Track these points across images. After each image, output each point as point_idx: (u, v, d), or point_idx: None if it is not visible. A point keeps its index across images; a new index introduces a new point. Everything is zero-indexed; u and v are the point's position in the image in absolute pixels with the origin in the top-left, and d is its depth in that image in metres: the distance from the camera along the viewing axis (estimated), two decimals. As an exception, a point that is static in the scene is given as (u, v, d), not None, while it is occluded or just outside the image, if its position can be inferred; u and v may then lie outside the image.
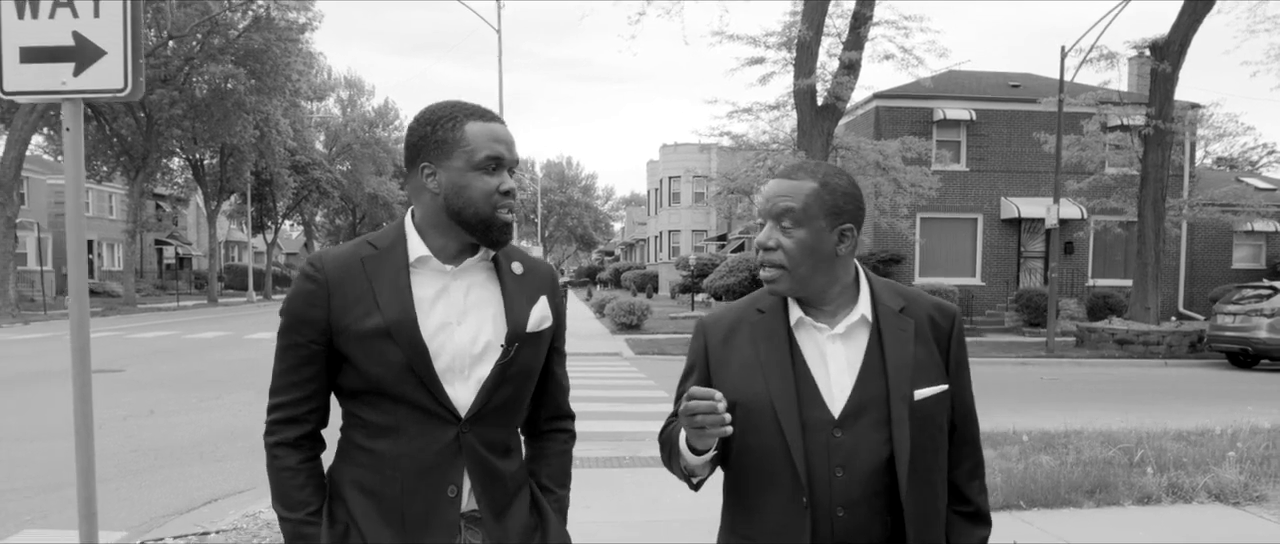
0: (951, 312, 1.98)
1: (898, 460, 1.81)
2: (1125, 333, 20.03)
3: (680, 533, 5.62)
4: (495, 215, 1.90)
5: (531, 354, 2.00)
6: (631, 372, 15.73)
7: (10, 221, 28.65)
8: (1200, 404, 11.19)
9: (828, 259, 1.86)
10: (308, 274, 1.92)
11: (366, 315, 1.87)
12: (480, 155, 1.88)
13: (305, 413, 1.95)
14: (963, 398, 1.97)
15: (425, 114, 1.95)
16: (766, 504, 1.88)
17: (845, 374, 1.87)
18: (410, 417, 1.88)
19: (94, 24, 3.18)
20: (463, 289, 1.95)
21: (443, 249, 1.94)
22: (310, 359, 1.92)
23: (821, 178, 1.87)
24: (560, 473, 2.17)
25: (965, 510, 1.97)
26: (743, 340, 1.95)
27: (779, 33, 19.41)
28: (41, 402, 11.37)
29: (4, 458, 7.97)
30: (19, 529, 5.84)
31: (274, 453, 1.95)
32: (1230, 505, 6.23)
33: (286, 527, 1.94)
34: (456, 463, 1.90)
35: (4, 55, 3.18)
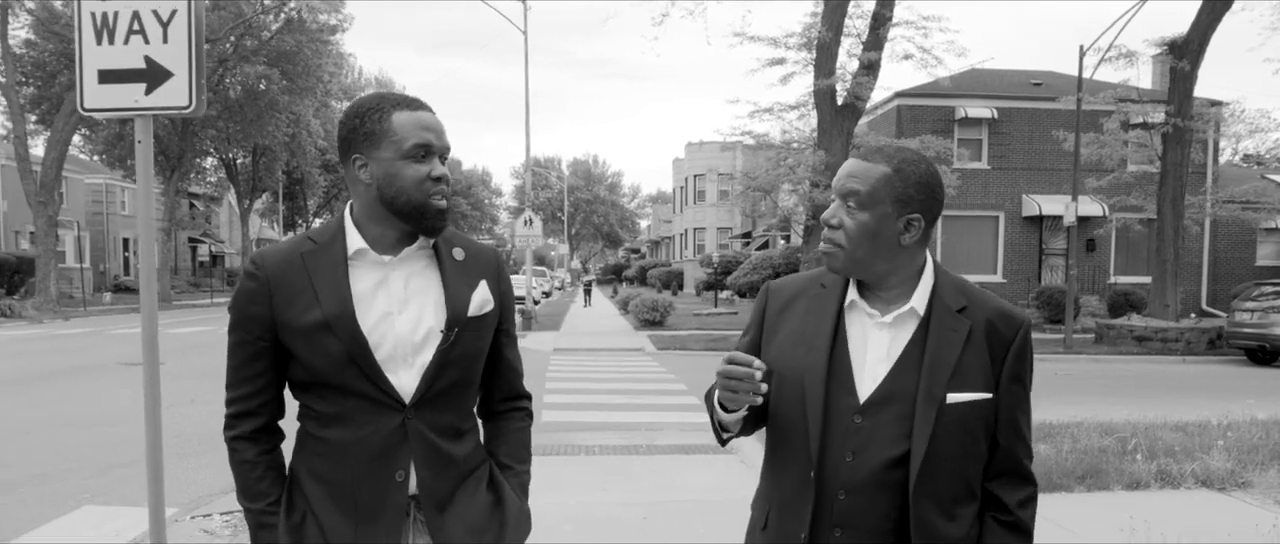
0: (1018, 321, 1.90)
1: (913, 457, 1.79)
2: (1144, 330, 20.17)
3: (691, 511, 6.01)
4: (428, 202, 1.95)
5: (474, 338, 2.05)
6: (653, 366, 16.12)
7: (52, 220, 29.47)
8: (1210, 399, 11.39)
9: (889, 245, 1.85)
10: (249, 272, 1.99)
11: (307, 310, 1.93)
12: (409, 143, 1.92)
13: (258, 406, 2.02)
14: (1012, 414, 1.88)
15: (353, 107, 2.00)
16: (785, 472, 1.92)
17: (881, 363, 1.86)
18: (356, 405, 1.95)
19: (163, 49, 3.61)
20: (402, 278, 2.00)
21: (380, 239, 1.99)
22: (258, 355, 1.98)
23: (896, 164, 1.85)
24: (518, 448, 2.23)
25: (1004, 518, 1.88)
26: (798, 311, 1.97)
27: (799, 34, 19.71)
28: (87, 392, 11.94)
29: (58, 443, 8.49)
30: (79, 506, 6.32)
31: (233, 446, 2.03)
32: (1216, 491, 6.53)
33: (249, 517, 2.02)
34: (403, 448, 1.96)
35: (84, 77, 3.62)
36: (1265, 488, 6.58)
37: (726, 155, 47.38)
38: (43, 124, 34.83)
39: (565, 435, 8.68)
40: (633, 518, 5.83)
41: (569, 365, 16.16)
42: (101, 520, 5.97)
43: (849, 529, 1.83)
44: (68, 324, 26.30)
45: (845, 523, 1.83)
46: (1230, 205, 24.23)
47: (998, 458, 1.88)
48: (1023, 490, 1.90)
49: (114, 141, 38.92)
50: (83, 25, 3.59)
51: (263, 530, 2.01)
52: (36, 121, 34.20)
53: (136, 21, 3.59)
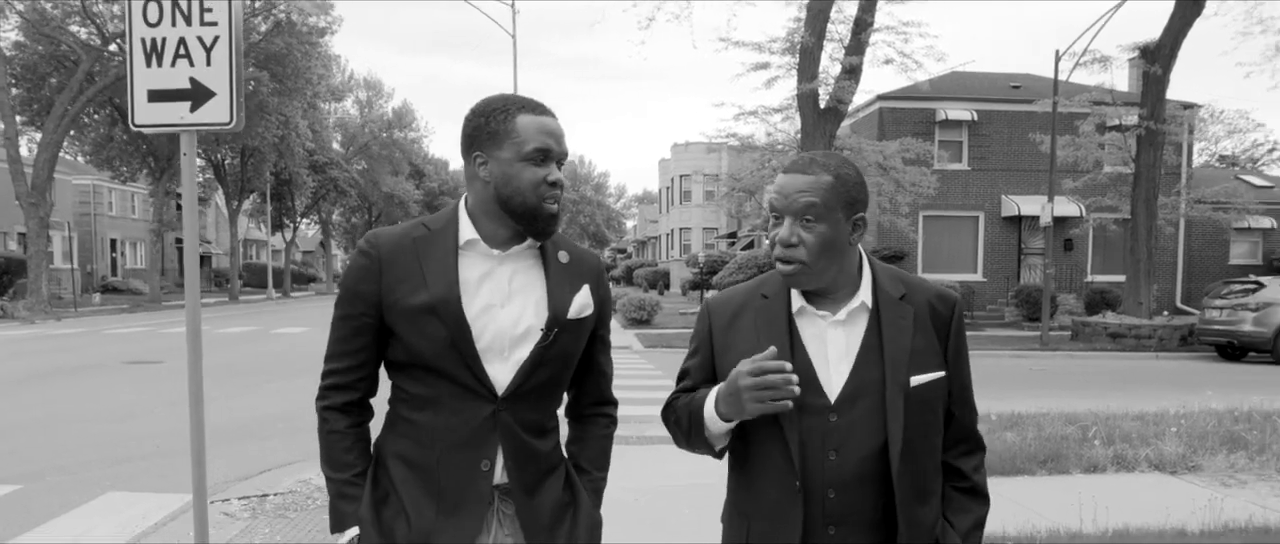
0: (952, 300, 2.01)
1: (891, 445, 1.85)
2: (1118, 326, 20.75)
3: (678, 494, 6.47)
4: (541, 206, 1.98)
5: (571, 340, 2.08)
6: (640, 363, 16.56)
7: (43, 221, 29.68)
8: (1178, 393, 11.84)
9: (842, 250, 1.91)
10: (363, 250, 2.04)
11: (414, 292, 1.97)
12: (529, 147, 1.96)
13: (355, 381, 2.07)
14: (961, 386, 2.00)
15: (480, 106, 2.03)
16: (763, 483, 1.95)
17: (843, 360, 1.92)
18: (450, 391, 1.99)
19: (206, 71, 4.02)
20: (508, 274, 2.04)
21: (492, 235, 2.03)
22: (361, 330, 2.03)
23: (835, 170, 1.90)
24: (598, 456, 2.26)
25: (963, 486, 2.00)
26: (746, 325, 2.01)
27: (783, 39, 20.21)
28: (93, 389, 12.29)
29: (74, 437, 8.86)
30: (103, 493, 6.70)
31: (324, 416, 2.08)
32: (1167, 474, 7.01)
33: (332, 486, 2.06)
34: (491, 438, 2.00)
35: (135, 95, 4.03)
36: (1213, 471, 7.08)
37: (712, 157, 47.92)
38: (32, 125, 35.00)
39: (559, 427, 9.12)
40: (626, 500, 6.26)
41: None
42: (126, 505, 6.36)
43: (842, 525, 1.88)
44: (60, 325, 26.54)
45: (839, 520, 1.88)
46: (1201, 206, 24.87)
47: (954, 428, 2.00)
48: (975, 456, 2.03)
49: (102, 143, 39.10)
50: (134, 49, 4.00)
51: (343, 501, 2.04)
52: (25, 123, 34.35)
53: (182, 46, 4.00)
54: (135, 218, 55.27)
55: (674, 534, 5.50)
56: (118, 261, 53.74)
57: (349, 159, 60.39)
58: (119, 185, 49.95)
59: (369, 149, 60.98)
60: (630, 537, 5.44)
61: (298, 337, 21.49)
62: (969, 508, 1.98)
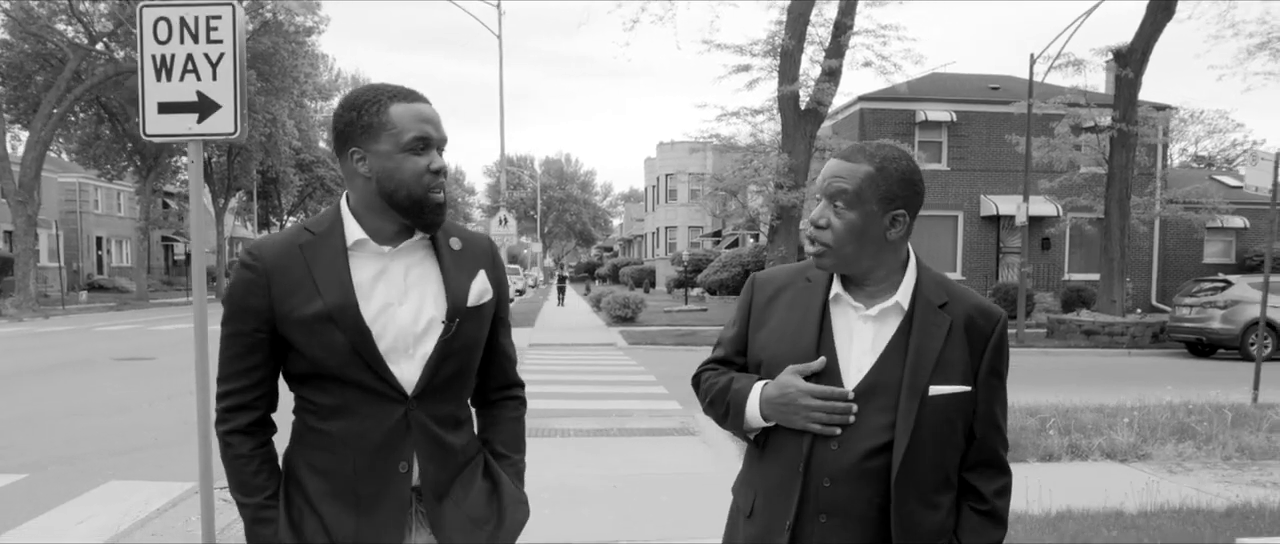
0: (996, 316, 1.97)
1: (895, 447, 1.85)
2: (1091, 324, 21.22)
3: (655, 483, 6.82)
4: (428, 196, 1.94)
5: (474, 327, 2.05)
6: (624, 360, 16.92)
7: (31, 219, 29.84)
8: (1145, 388, 12.15)
9: (876, 242, 1.90)
10: (247, 263, 1.95)
11: (308, 301, 1.91)
12: (407, 136, 1.91)
13: (254, 399, 2.00)
14: (989, 406, 1.95)
15: (349, 99, 1.98)
16: (773, 461, 1.98)
17: (867, 355, 1.91)
18: (358, 397, 1.93)
19: (212, 85, 4.35)
20: (402, 269, 1.99)
21: (379, 231, 1.98)
22: (255, 347, 1.96)
23: (879, 162, 1.89)
24: (513, 438, 2.24)
25: (980, 507, 1.96)
26: (784, 304, 2.02)
27: (764, 41, 20.59)
28: (88, 385, 12.55)
29: (72, 430, 9.15)
30: (106, 481, 7.01)
31: (227, 441, 2.00)
32: (1118, 462, 7.41)
33: (245, 512, 1.99)
34: (407, 440, 1.96)
35: (146, 107, 4.35)
36: (1162, 459, 7.48)
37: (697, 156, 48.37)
38: (17, 123, 35.09)
39: (542, 421, 9.41)
40: (603, 488, 6.61)
41: (544, 359, 16.91)
42: (128, 492, 6.66)
43: (834, 516, 1.89)
44: (49, 322, 26.70)
45: (830, 510, 1.89)
46: (1173, 205, 25.40)
47: (975, 449, 1.95)
48: (999, 480, 1.97)
49: (89, 142, 39.22)
50: (145, 65, 4.32)
51: (259, 525, 1.99)
52: (10, 121, 34.44)
53: (190, 62, 4.33)
54: (121, 216, 55.31)
55: (651, 518, 5.84)
56: (103, 260, 53.76)
57: (335, 157, 60.48)
58: (105, 183, 49.99)
59: (356, 148, 61.12)
60: (610, 521, 5.78)
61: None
62: (982, 531, 1.94)
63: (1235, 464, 7.42)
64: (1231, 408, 9.04)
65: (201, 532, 4.64)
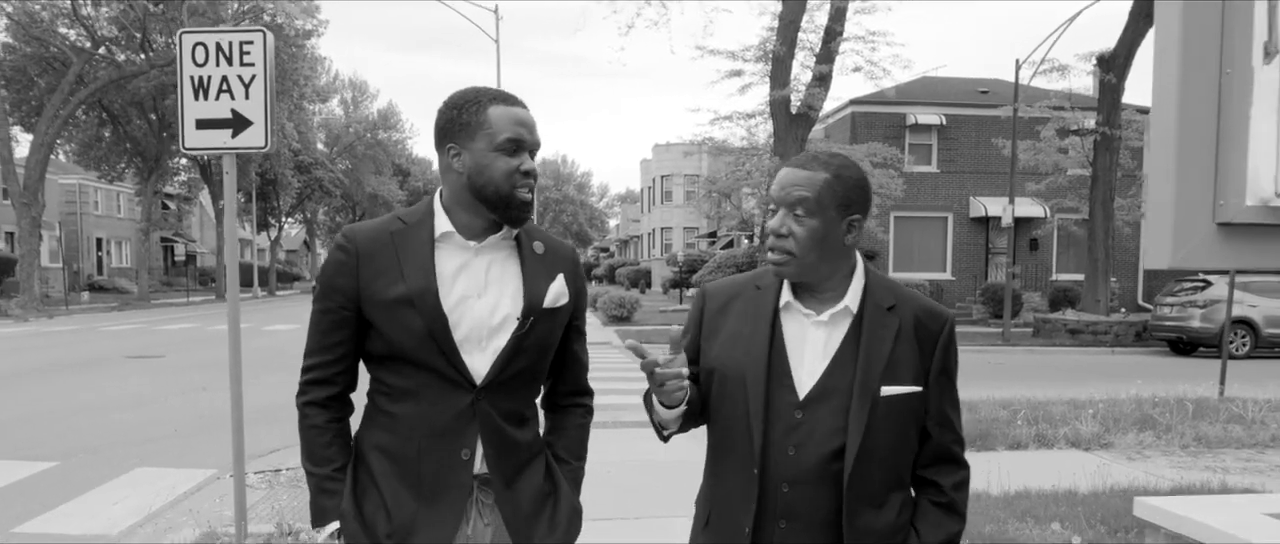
0: (943, 318, 2.00)
1: (847, 449, 1.87)
2: (1076, 323, 21.74)
3: (645, 467, 7.31)
4: (514, 194, 2.02)
5: (547, 329, 2.11)
6: (619, 357, 17.39)
7: (35, 221, 30.27)
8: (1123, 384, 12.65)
9: (835, 248, 1.93)
10: (340, 245, 2.07)
11: (392, 284, 2.00)
12: (501, 137, 1.99)
13: (334, 375, 2.09)
14: (940, 405, 1.99)
15: (453, 98, 2.06)
16: (728, 469, 2.00)
17: (818, 360, 1.94)
18: (429, 382, 2.01)
19: (245, 103, 4.82)
20: (484, 264, 2.07)
21: (467, 226, 2.06)
22: (340, 324, 2.05)
23: (835, 169, 1.92)
24: (576, 445, 2.29)
25: (939, 500, 1.99)
26: (735, 313, 2.05)
27: (756, 47, 21.08)
28: (103, 381, 13.02)
29: (94, 423, 9.62)
30: (132, 469, 7.47)
31: (304, 412, 2.10)
32: (1082, 450, 7.90)
33: (312, 480, 2.08)
34: (470, 428, 2.03)
35: (185, 123, 4.83)
36: (1123, 448, 7.97)
37: (692, 158, 48.85)
38: (21, 126, 35.51)
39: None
40: (597, 472, 7.07)
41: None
42: (155, 478, 7.14)
43: (794, 520, 1.91)
44: (53, 322, 27.12)
45: (790, 514, 1.91)
46: (1157, 207, 25.86)
47: (929, 448, 1.99)
48: (957, 474, 2.01)
49: (90, 144, 39.65)
50: (184, 85, 4.80)
51: (324, 495, 2.06)
52: (14, 124, 34.85)
53: (225, 83, 4.81)
54: (121, 217, 55.68)
55: (640, 499, 6.34)
56: (103, 261, 54.14)
57: (333, 159, 60.96)
58: (105, 185, 50.37)
59: (354, 149, 61.58)
60: (603, 499, 6.27)
61: (287, 333, 22.18)
62: (941, 523, 1.98)
63: (1191, 452, 7.92)
64: (1194, 401, 9.53)
65: (234, 509, 5.11)
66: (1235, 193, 2.14)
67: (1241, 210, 2.15)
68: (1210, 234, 2.18)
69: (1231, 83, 2.13)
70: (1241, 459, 7.64)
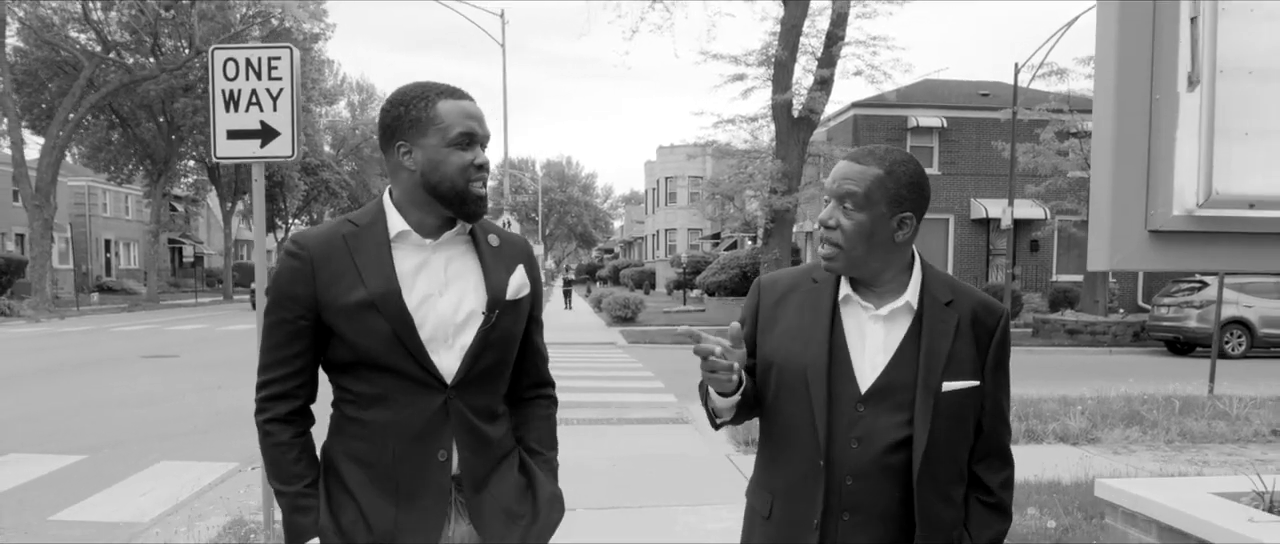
0: (999, 312, 2.03)
1: (915, 445, 1.89)
2: (1075, 323, 22.02)
3: (649, 462, 7.62)
4: (469, 189, 1.99)
5: (512, 320, 2.10)
6: (624, 357, 17.71)
7: (47, 223, 30.65)
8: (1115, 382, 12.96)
9: (884, 244, 1.92)
10: (292, 252, 2.00)
11: (351, 289, 1.95)
12: (454, 132, 1.96)
13: (295, 388, 2.02)
14: (995, 398, 2.01)
15: (398, 94, 2.02)
16: (789, 461, 2.00)
17: (879, 354, 1.95)
18: (398, 385, 1.97)
19: (273, 115, 5.14)
20: (442, 261, 2.05)
21: (421, 224, 2.03)
22: (297, 335, 1.99)
23: (888, 165, 1.92)
24: (547, 436, 2.27)
25: (988, 500, 2.01)
26: (792, 306, 2.04)
27: (758, 52, 21.39)
28: (120, 379, 13.37)
29: (115, 419, 9.96)
30: (156, 462, 7.80)
31: (266, 429, 2.02)
32: (1070, 445, 8.20)
33: (283, 500, 2.00)
34: (445, 428, 2.00)
35: (217, 134, 5.15)
36: (1110, 443, 8.27)
37: (694, 161, 49.20)
38: (32, 129, 35.94)
39: (548, 410, 10.25)
40: (602, 466, 7.41)
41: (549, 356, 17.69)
42: (179, 471, 7.45)
43: (857, 512, 1.93)
44: (65, 323, 27.49)
45: (853, 507, 1.92)
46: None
47: (983, 441, 2.00)
48: (1003, 471, 2.04)
49: (99, 146, 40.07)
50: (216, 98, 5.11)
51: (298, 513, 2.00)
52: (26, 127, 35.27)
53: (254, 96, 5.13)
54: (129, 219, 56.14)
55: (644, 489, 6.65)
56: (112, 262, 54.59)
57: (339, 161, 61.38)
58: (113, 187, 50.80)
59: (360, 151, 61.94)
60: (608, 491, 6.58)
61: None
62: (990, 523, 2.00)
63: (1176, 447, 8.21)
64: (1182, 398, 9.81)
65: (262, 499, 5.42)
66: (1164, 204, 2.45)
67: (1170, 219, 2.46)
68: (1143, 240, 2.49)
69: (1160, 107, 2.45)
70: (1224, 453, 7.92)
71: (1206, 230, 2.47)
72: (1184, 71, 2.43)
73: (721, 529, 5.55)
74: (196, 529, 5.66)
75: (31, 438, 8.75)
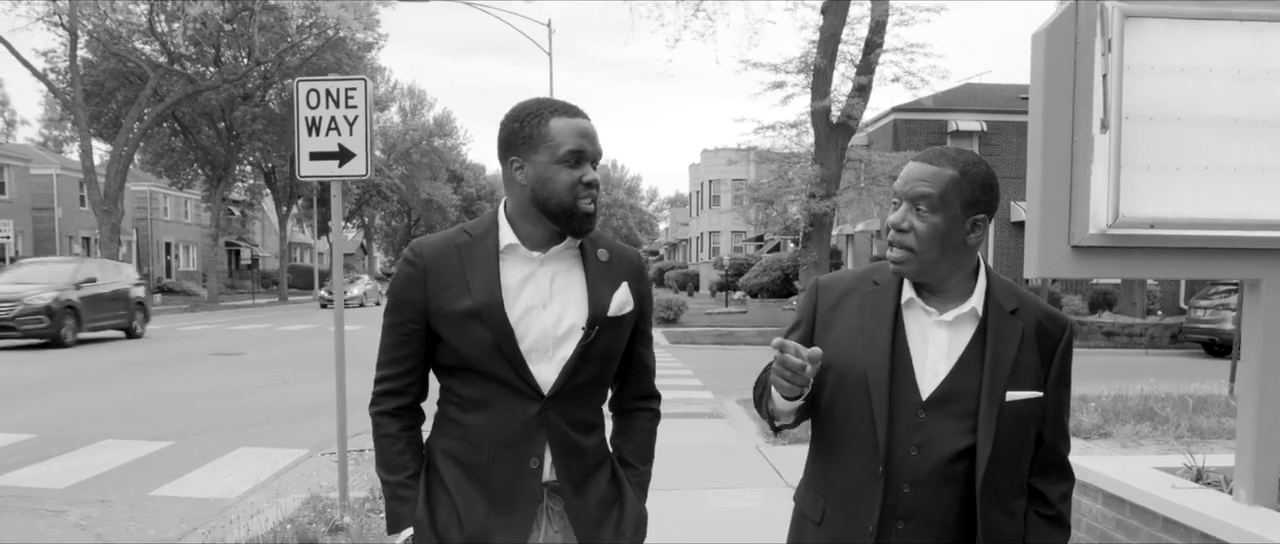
0: (1063, 323, 1.98)
1: (979, 455, 1.85)
2: (1112, 325, 22.26)
3: (684, 453, 8.25)
4: (577, 205, 2.02)
5: (613, 337, 2.12)
6: (665, 357, 18.31)
7: (115, 227, 32.06)
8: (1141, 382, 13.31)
9: (956, 247, 1.88)
10: (408, 260, 2.09)
11: (458, 298, 2.02)
12: (563, 149, 1.99)
13: (405, 386, 2.13)
14: (1057, 411, 1.98)
15: (514, 111, 2.07)
16: (845, 467, 1.96)
17: (942, 361, 1.91)
18: (498, 392, 2.04)
19: (350, 139, 5.86)
20: (548, 275, 2.08)
21: (530, 237, 2.07)
22: (410, 337, 2.09)
23: (962, 166, 1.88)
24: (642, 450, 2.29)
25: (1047, 513, 1.97)
26: (852, 308, 2.00)
27: (797, 59, 21.89)
28: (196, 375, 14.30)
29: (198, 410, 10.81)
30: (236, 448, 8.58)
31: (377, 422, 2.15)
32: (1082, 439, 8.68)
33: (387, 489, 2.11)
34: (538, 436, 2.05)
35: (301, 155, 5.89)
36: (1120, 438, 8.73)
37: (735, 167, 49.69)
38: (100, 137, 37.52)
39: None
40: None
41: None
42: (259, 456, 8.22)
43: (913, 521, 1.89)
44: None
45: (909, 515, 1.89)
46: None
47: (1043, 453, 1.96)
48: (1063, 484, 2.00)
49: (161, 153, 41.64)
50: (300, 124, 5.85)
51: (398, 502, 2.10)
52: (94, 135, 36.80)
53: (333, 122, 5.86)
54: (188, 222, 57.97)
55: (677, 474, 7.30)
56: (171, 264, 56.41)
57: (390, 165, 62.82)
58: (175, 192, 52.54)
59: (410, 156, 63.35)
60: (644, 474, 7.24)
61: (355, 333, 23.44)
62: (1049, 536, 1.97)
63: (1184, 442, 8.63)
64: (1198, 397, 10.22)
65: (336, 479, 6.15)
66: (1082, 224, 3.08)
67: (1087, 236, 3.08)
68: (1067, 253, 3.12)
69: (1079, 146, 3.08)
70: (1230, 448, 8.34)
71: (1117, 245, 3.09)
72: (1098, 117, 3.05)
73: (746, 509, 6.18)
74: (279, 504, 6.39)
75: (123, 426, 9.60)
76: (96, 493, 6.86)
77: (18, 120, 65.06)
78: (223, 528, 5.83)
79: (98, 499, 6.69)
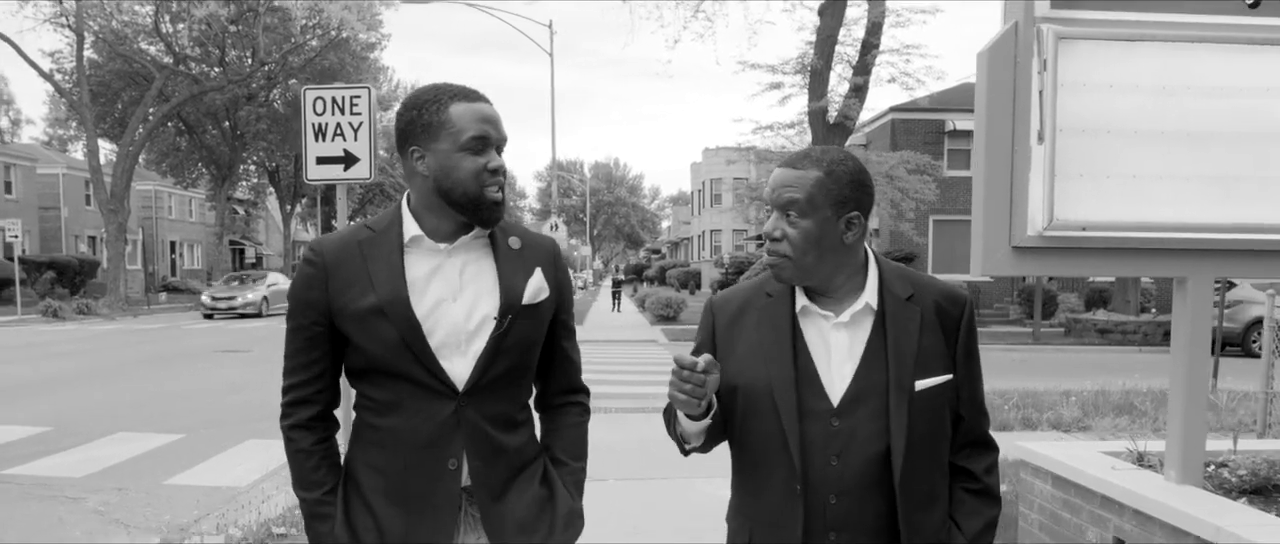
0: (962, 299, 1.95)
1: (893, 451, 1.81)
2: (1106, 323, 22.51)
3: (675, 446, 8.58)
4: (484, 194, 1.95)
5: (529, 326, 2.05)
6: (663, 354, 18.65)
7: (121, 226, 32.42)
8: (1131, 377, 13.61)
9: (834, 248, 1.85)
10: (308, 259, 2.00)
11: (362, 295, 1.94)
12: (466, 136, 1.92)
13: (314, 393, 2.03)
14: (970, 388, 1.94)
15: (411, 99, 2.00)
16: (765, 488, 1.92)
17: (846, 363, 1.87)
18: (410, 392, 1.96)
19: (355, 144, 6.17)
20: (457, 266, 2.01)
21: (436, 229, 2.00)
22: (315, 341, 2.00)
23: (827, 166, 1.85)
24: (573, 445, 2.21)
25: (974, 487, 1.94)
26: (749, 324, 1.96)
27: (794, 60, 22.19)
28: (203, 371, 14.68)
29: (206, 404, 11.15)
30: (244, 440, 8.89)
31: (289, 436, 2.04)
32: (1062, 431, 8.99)
33: (305, 507, 2.02)
34: (456, 436, 1.97)
35: (308, 160, 6.19)
36: (1100, 430, 9.02)
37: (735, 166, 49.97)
38: (106, 137, 37.90)
39: (588, 399, 11.26)
40: (632, 446, 8.37)
41: (590, 353, 18.62)
42: (265, 448, 8.52)
43: (844, 531, 1.85)
44: (139, 321, 29.08)
45: (840, 526, 1.85)
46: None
47: (962, 432, 1.95)
48: (987, 457, 1.98)
49: (167, 152, 42.01)
50: (307, 130, 6.16)
51: (317, 521, 2.02)
52: (101, 135, 37.18)
53: (339, 128, 6.17)
54: (193, 221, 58.32)
55: (670, 464, 7.60)
56: (176, 263, 56.79)
57: (392, 164, 63.06)
58: (179, 191, 52.91)
59: (412, 155, 63.56)
60: (638, 465, 7.54)
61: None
62: (979, 511, 1.93)
63: (1162, 434, 8.91)
64: (1178, 391, 10.49)
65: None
66: (1021, 227, 3.38)
67: (1026, 238, 3.39)
68: (1007, 253, 3.42)
69: (1018, 156, 3.38)
70: (1203, 440, 8.66)
71: (1053, 246, 3.40)
72: (1035, 130, 3.36)
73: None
74: (287, 492, 6.71)
75: (136, 419, 9.94)
76: (113, 482, 7.19)
77: (23, 119, 65.39)
78: (236, 512, 6.16)
79: (115, 487, 7.02)
